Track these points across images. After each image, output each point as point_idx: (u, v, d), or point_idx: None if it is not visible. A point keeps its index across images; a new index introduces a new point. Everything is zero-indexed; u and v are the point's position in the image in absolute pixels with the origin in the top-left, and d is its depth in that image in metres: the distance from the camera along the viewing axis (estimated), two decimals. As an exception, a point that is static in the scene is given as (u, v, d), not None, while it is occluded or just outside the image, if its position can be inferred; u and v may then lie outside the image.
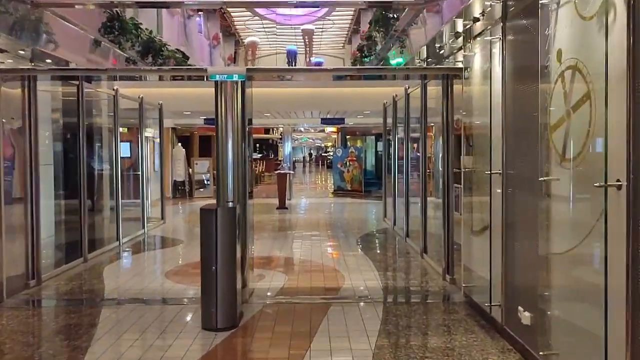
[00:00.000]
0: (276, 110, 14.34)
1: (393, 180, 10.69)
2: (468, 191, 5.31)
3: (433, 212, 7.91)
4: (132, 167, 10.85)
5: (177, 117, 16.31)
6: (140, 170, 10.49)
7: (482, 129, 4.82)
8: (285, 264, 7.43)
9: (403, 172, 9.43)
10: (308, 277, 6.67)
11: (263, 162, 28.78)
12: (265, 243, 9.02)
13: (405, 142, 9.17)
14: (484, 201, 4.75)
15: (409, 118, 9.11)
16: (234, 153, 5.43)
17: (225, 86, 5.49)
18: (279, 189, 14.49)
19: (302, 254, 8.07)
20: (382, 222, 11.60)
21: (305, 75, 5.98)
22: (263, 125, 26.04)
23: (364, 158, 19.78)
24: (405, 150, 9.17)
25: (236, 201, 5.40)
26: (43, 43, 6.78)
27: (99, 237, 8.51)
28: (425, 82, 7.60)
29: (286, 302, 5.51)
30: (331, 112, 15.15)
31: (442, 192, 6.43)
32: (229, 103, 5.49)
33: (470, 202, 5.24)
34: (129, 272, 7.27)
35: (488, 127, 4.61)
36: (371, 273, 6.79)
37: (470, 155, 5.18)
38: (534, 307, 3.77)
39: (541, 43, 3.53)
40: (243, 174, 5.49)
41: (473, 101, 5.11)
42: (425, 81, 7.57)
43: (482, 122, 4.81)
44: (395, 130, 10.54)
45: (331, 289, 6.09)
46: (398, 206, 10.49)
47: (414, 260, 7.54)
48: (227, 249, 4.74)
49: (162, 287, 6.24)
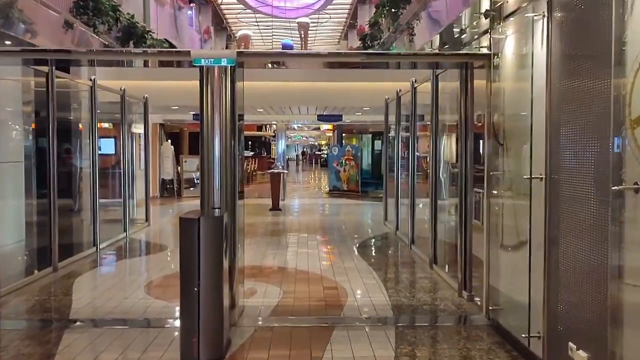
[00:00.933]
0: (270, 106, 13.54)
1: (396, 181, 9.95)
2: (496, 197, 4.55)
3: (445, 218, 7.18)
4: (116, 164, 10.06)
5: (165, 112, 15.46)
6: (122, 168, 9.66)
7: (518, 126, 4.06)
8: (279, 275, 6.65)
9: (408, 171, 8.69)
10: (306, 291, 5.90)
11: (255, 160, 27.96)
12: (257, 250, 8.23)
13: (411, 140, 8.41)
14: (519, 210, 3.99)
15: (416, 114, 8.36)
16: (221, 151, 4.63)
17: (212, 73, 4.68)
18: (273, 189, 13.70)
19: (299, 263, 7.29)
20: (382, 226, 10.83)
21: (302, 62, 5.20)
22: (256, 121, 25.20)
23: (360, 157, 19.02)
24: (411, 149, 8.41)
25: (224, 207, 4.61)
26: (6, 25, 5.96)
27: (73, 242, 7.69)
28: (437, 73, 6.86)
29: (281, 326, 4.73)
30: (328, 109, 14.36)
31: (459, 196, 5.67)
32: (216, 93, 4.69)
33: (498, 210, 4.48)
34: (103, 284, 6.46)
35: (526, 124, 3.85)
36: (376, 287, 6.03)
37: (500, 155, 4.41)
38: (592, 344, 3.02)
39: (615, 21, 2.76)
40: (232, 175, 4.70)
41: (505, 93, 4.34)
42: (438, 73, 6.82)
43: (518, 118, 4.06)
44: (398, 127, 9.78)
45: (333, 307, 5.32)
46: (401, 209, 9.75)
47: (422, 272, 6.78)
48: (212, 267, 3.96)
49: (140, 304, 5.44)
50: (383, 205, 11.29)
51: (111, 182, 10.01)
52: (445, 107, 6.92)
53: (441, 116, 6.88)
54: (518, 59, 4.08)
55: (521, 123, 3.96)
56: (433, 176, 6.97)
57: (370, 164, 21.36)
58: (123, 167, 9.65)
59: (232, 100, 4.76)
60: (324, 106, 13.50)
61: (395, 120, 9.94)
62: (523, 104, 3.92)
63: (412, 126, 8.37)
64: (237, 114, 4.79)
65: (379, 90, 11.58)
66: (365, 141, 22.33)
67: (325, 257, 7.72)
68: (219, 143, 4.65)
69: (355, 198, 17.02)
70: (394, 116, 10.78)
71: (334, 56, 4.71)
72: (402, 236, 9.16)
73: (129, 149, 10.33)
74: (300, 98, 12.24)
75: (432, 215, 6.95)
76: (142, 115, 11.02)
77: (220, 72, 4.70)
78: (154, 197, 16.19)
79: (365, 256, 7.77)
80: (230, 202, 4.69)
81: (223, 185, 4.63)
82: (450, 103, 6.98)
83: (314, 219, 12.19)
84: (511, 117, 4.24)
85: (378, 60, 5.02)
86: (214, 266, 3.98)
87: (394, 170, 10.14)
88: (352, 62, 4.89)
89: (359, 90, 12.06)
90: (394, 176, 10.16)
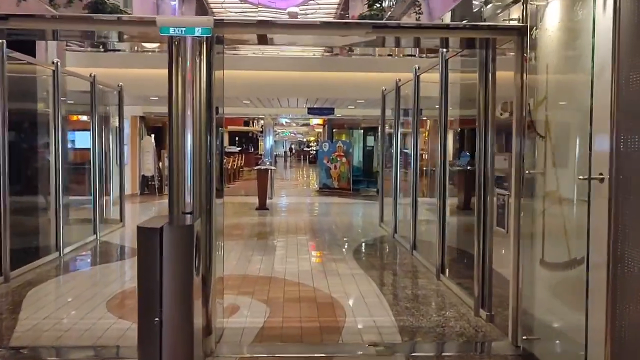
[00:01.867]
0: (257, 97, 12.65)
1: (394, 179, 9.12)
2: (531, 201, 3.72)
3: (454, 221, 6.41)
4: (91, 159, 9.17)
5: (145, 103, 14.51)
6: (93, 163, 8.72)
7: (568, 115, 3.24)
8: (266, 287, 5.79)
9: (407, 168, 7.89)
10: (296, 309, 5.05)
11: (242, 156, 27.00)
12: (242, 255, 7.37)
13: (413, 134, 7.59)
14: (569, 217, 3.18)
15: (419, 105, 7.54)
16: (195, 145, 3.76)
17: (184, 48, 3.81)
18: (259, 187, 12.80)
19: (288, 272, 6.44)
20: (378, 228, 10.00)
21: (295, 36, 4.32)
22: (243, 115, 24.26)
23: (352, 153, 18.19)
24: (413, 144, 7.59)
25: (197, 211, 3.75)
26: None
27: (31, 247, 6.78)
28: (448, 57, 6.04)
29: (269, 356, 3.88)
30: (320, 101, 13.50)
31: (477, 199, 4.86)
32: (188, 73, 3.81)
33: (535, 217, 3.66)
34: (59, 298, 5.55)
35: (581, 112, 3.03)
36: (378, 303, 5.20)
37: (541, 151, 3.58)
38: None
39: None
40: (208, 174, 3.83)
41: (548, 74, 3.51)
42: (448, 56, 6.00)
43: (569, 105, 3.24)
44: (397, 120, 8.96)
45: (329, 330, 4.48)
46: (399, 210, 8.93)
47: (429, 284, 5.97)
48: (178, 287, 3.10)
49: (99, 325, 4.55)
50: (379, 205, 10.46)
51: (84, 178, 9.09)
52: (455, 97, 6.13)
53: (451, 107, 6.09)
54: (568, 32, 3.25)
55: (574, 111, 3.14)
56: (441, 174, 6.15)
57: (361, 161, 20.54)
58: (93, 162, 8.70)
59: (209, 83, 3.88)
60: (315, 98, 12.65)
61: (394, 113, 9.11)
62: (577, 87, 3.09)
63: (414, 119, 7.55)
64: (214, 101, 3.91)
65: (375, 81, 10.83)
66: (357, 137, 21.50)
67: (318, 265, 6.87)
68: (192, 136, 3.78)
69: (347, 196, 16.19)
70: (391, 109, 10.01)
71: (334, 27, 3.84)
72: (401, 240, 8.35)
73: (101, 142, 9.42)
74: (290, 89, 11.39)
75: (440, 218, 6.14)
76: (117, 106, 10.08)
77: (195, 46, 3.83)
78: (133, 194, 15.25)
79: (362, 264, 6.93)
80: (205, 205, 3.83)
81: (196, 186, 3.76)
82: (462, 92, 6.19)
83: (304, 219, 11.33)
84: (558, 104, 3.41)
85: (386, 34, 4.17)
86: (181, 286, 3.13)
87: (391, 167, 9.34)
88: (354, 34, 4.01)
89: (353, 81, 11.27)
90: (392, 174, 9.36)
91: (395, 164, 9.01)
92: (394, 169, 9.09)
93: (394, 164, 9.03)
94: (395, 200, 8.99)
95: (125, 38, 4.99)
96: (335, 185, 17.63)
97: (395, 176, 9.05)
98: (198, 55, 3.83)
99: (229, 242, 8.22)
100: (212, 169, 3.85)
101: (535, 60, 3.62)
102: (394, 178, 9.12)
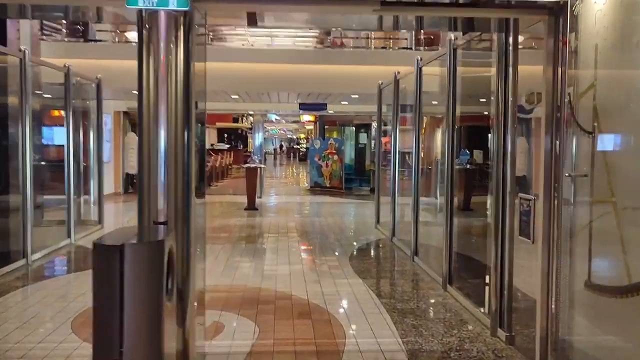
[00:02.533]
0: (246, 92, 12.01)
1: (392, 179, 8.55)
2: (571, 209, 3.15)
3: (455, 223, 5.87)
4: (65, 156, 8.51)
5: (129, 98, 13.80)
6: (67, 160, 8.05)
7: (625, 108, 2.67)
8: (254, 301, 5.18)
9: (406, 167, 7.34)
10: (289, 327, 4.45)
11: (231, 154, 26.30)
12: (228, 262, 6.75)
13: (415, 130, 7.02)
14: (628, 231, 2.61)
15: (421, 99, 6.97)
16: (168, 143, 3.14)
17: (156, 24, 3.18)
18: (248, 186, 12.17)
19: (279, 282, 5.84)
20: (374, 230, 9.43)
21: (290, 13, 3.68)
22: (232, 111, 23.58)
23: (344, 151, 17.58)
24: (415, 141, 7.01)
25: (172, 219, 3.13)
26: None
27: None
28: (456, 46, 5.46)
29: (257, 393, 3.29)
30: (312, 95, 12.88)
31: (494, 203, 4.28)
32: (162, 55, 3.19)
33: (575, 229, 3.08)
34: (21, 315, 4.88)
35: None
36: (381, 320, 4.61)
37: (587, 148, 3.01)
38: None
39: None
40: (185, 175, 3.21)
41: (597, 58, 2.93)
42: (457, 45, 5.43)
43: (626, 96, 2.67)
44: (396, 116, 8.38)
45: (327, 355, 3.89)
46: (398, 211, 8.37)
47: (436, 296, 5.40)
48: (144, 319, 2.49)
49: (59, 350, 3.92)
50: (375, 205, 9.88)
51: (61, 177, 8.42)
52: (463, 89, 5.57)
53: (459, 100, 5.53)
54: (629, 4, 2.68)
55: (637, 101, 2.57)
56: (448, 173, 5.59)
57: (354, 159, 19.96)
58: (67, 159, 8.03)
59: (187, 68, 3.26)
60: (307, 93, 12.04)
61: (392, 108, 8.54)
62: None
63: (416, 113, 6.97)
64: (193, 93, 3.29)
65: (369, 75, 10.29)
66: (349, 134, 20.90)
67: (312, 274, 6.27)
68: (166, 133, 3.15)
69: (339, 196, 15.61)
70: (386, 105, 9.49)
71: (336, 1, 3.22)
72: (401, 245, 7.78)
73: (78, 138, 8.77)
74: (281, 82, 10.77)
75: (448, 221, 5.58)
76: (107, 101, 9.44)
77: (170, 23, 3.20)
78: (116, 193, 14.57)
79: (360, 272, 6.34)
80: (182, 210, 3.21)
81: (171, 190, 3.14)
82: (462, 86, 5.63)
83: (295, 220, 10.72)
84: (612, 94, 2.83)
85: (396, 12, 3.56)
86: (147, 316, 2.52)
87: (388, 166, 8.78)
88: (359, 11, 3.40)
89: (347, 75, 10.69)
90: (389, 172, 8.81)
91: (393, 162, 8.44)
92: (392, 168, 8.53)
93: (393, 162, 8.46)
94: (393, 201, 8.42)
95: (103, 17, 4.30)
96: (326, 184, 17.05)
97: (393, 175, 8.49)
98: (174, 38, 3.21)
99: (215, 247, 7.61)
100: (189, 169, 3.23)
101: (577, 41, 3.04)
102: (392, 177, 8.56)
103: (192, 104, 3.27)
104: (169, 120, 3.16)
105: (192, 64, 3.25)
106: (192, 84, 3.26)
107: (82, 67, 8.98)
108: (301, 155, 43.16)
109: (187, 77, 3.23)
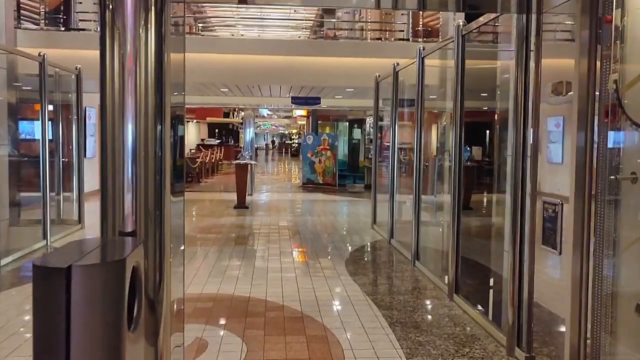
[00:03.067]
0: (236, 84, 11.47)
1: (390, 177, 8.08)
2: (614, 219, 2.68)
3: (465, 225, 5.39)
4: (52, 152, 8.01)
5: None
6: (42, 155, 7.50)
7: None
8: (242, 313, 4.69)
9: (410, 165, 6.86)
10: (281, 345, 3.96)
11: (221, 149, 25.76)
12: (215, 267, 6.25)
13: (417, 124, 6.54)
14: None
15: (423, 92, 6.49)
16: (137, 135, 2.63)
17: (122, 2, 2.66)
18: (238, 183, 11.65)
19: (270, 291, 5.34)
20: (371, 231, 8.95)
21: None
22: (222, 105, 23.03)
23: (338, 147, 17.09)
24: (416, 136, 6.54)
25: (142, 227, 2.62)
26: None
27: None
28: (465, 33, 4.99)
29: None
30: (305, 90, 12.37)
31: (513, 207, 3.81)
32: (129, 36, 2.67)
33: (621, 243, 2.62)
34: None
35: None
36: (384, 337, 4.14)
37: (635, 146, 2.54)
38: None
39: None
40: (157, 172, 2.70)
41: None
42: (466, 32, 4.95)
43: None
44: (395, 110, 7.90)
45: (324, 380, 3.42)
46: (396, 211, 7.90)
47: (442, 306, 4.93)
48: (99, 356, 1.99)
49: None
50: (371, 204, 9.41)
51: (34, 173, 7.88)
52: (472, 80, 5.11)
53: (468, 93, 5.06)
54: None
55: None
56: (456, 172, 5.11)
57: (347, 155, 19.48)
58: (42, 154, 7.47)
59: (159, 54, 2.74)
60: (301, 86, 11.52)
61: (390, 101, 8.06)
62: None
63: (418, 106, 6.49)
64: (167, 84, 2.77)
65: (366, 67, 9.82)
66: (342, 129, 20.42)
67: (305, 280, 5.79)
68: (134, 125, 2.64)
69: (333, 193, 15.13)
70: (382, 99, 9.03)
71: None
72: (400, 247, 7.31)
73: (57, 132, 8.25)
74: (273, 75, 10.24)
75: (455, 224, 5.11)
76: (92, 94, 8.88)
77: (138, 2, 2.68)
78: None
79: (357, 279, 5.86)
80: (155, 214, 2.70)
81: (140, 192, 2.64)
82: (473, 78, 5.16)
83: (287, 220, 10.22)
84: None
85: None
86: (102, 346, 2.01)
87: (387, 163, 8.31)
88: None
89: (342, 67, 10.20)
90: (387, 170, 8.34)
91: (391, 159, 7.97)
92: (390, 165, 8.06)
93: (391, 158, 7.99)
94: (391, 201, 7.95)
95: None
96: (319, 181, 16.56)
97: (391, 173, 8.02)
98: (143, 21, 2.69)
99: (201, 249, 7.11)
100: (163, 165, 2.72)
101: (621, 21, 2.56)
102: (390, 175, 8.09)
103: (166, 96, 2.76)
104: (137, 113, 2.64)
105: (165, 49, 2.73)
106: (167, 73, 2.74)
107: (65, 58, 8.43)
108: (293, 150, 42.74)
109: (160, 65, 2.71)
